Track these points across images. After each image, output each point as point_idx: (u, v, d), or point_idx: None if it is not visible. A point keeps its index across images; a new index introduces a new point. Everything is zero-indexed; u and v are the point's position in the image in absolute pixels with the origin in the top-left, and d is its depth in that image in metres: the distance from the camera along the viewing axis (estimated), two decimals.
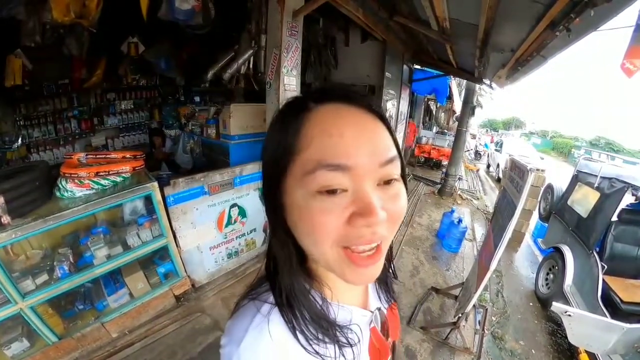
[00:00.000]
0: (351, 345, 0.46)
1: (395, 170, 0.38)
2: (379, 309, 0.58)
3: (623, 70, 1.40)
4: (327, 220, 0.35)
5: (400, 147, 0.42)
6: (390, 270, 0.64)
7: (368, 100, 0.40)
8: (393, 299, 0.64)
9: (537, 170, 4.85)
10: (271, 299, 0.44)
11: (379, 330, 0.55)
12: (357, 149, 0.35)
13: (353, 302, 0.52)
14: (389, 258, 0.59)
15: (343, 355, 0.45)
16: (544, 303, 3.42)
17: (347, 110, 0.38)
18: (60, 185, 1.96)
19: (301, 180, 0.36)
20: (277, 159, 0.39)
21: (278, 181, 0.39)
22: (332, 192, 0.35)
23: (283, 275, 0.43)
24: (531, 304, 3.52)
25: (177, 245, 2.52)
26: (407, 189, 0.44)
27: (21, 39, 2.37)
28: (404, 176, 0.42)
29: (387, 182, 0.38)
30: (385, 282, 0.63)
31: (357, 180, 0.35)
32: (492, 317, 3.16)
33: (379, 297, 0.61)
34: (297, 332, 0.41)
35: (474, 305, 3.04)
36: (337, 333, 0.45)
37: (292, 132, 0.37)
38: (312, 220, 0.36)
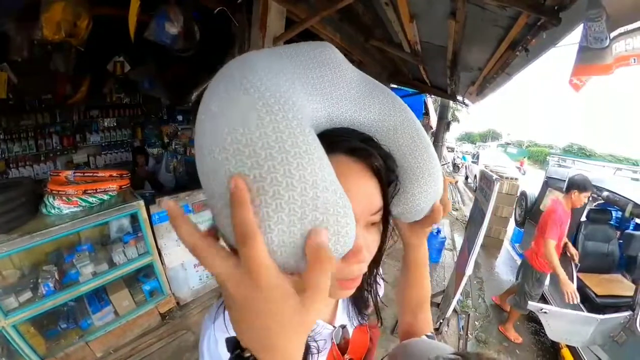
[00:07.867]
0: (311, 354, 0.51)
1: (379, 216, 0.43)
2: (343, 327, 0.61)
3: (571, 86, 1.54)
4: None
5: None
6: (369, 295, 0.64)
7: (372, 157, 0.42)
8: (364, 320, 0.65)
9: (510, 178, 5.12)
10: None
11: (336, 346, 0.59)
12: (357, 205, 0.38)
13: (320, 316, 0.56)
14: (369, 282, 0.61)
15: None
16: None
17: (352, 168, 0.41)
18: (47, 202, 1.95)
19: None
20: None
21: None
22: None
23: None
24: None
25: (162, 263, 2.52)
26: (388, 225, 0.50)
27: (8, 53, 2.37)
28: (385, 216, 0.47)
29: (373, 224, 0.44)
30: (359, 302, 0.64)
31: None
32: (475, 322, 3.26)
33: (349, 315, 0.63)
34: None
35: (456, 311, 3.15)
36: None
37: None
38: None
